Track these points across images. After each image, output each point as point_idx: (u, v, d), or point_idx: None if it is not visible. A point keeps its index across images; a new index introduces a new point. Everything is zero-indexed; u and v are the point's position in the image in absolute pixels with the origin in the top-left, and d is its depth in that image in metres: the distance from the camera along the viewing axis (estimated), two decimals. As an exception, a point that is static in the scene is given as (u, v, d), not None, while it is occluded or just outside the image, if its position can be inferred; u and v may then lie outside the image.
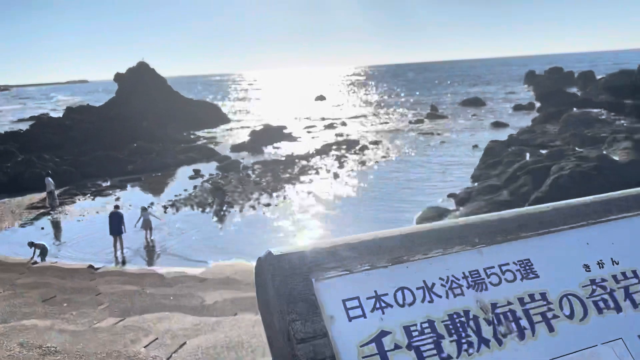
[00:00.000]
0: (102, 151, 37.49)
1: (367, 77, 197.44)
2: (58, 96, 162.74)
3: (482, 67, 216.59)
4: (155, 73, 55.75)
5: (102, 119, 48.09)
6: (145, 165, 33.37)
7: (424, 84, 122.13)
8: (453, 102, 69.05)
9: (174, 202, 23.96)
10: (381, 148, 36.08)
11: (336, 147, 36.93)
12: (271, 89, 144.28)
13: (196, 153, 37.28)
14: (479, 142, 34.89)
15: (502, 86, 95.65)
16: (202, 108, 59.00)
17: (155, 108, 51.05)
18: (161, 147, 39.02)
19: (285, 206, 22.61)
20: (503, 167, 23.23)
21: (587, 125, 27.44)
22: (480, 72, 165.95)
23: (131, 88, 53.12)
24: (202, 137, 47.77)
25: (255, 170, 30.52)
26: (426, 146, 35.72)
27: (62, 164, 31.74)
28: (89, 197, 26.21)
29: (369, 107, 71.52)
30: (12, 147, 39.20)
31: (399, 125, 48.17)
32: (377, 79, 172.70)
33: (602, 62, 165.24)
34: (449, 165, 28.94)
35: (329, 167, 30.41)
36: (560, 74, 78.43)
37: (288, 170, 29.77)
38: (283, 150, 37.91)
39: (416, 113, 57.91)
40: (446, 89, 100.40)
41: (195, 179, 29.48)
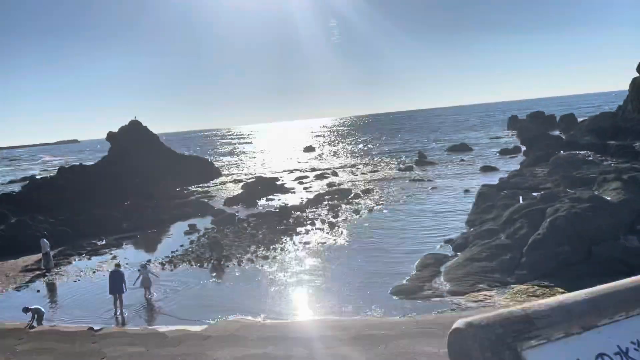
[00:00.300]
0: (97, 210, 37.45)
1: (350, 127, 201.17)
2: (45, 157, 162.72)
3: (463, 114, 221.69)
4: (147, 131, 56.44)
5: (95, 177, 48.15)
6: (140, 222, 33.29)
7: (407, 132, 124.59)
8: (440, 148, 70.37)
9: (171, 259, 23.81)
10: (374, 196, 36.44)
11: (329, 196, 37.22)
12: (260, 143, 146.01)
13: (191, 208, 37.30)
14: (470, 187, 35.45)
15: (486, 132, 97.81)
16: (194, 163, 59.42)
17: (148, 165, 51.31)
18: (155, 204, 39.02)
19: (283, 258, 22.57)
20: (498, 210, 23.57)
21: (575, 167, 28.11)
22: (461, 119, 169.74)
23: (124, 146, 53.58)
24: (195, 192, 47.91)
25: (251, 223, 30.52)
26: (418, 193, 36.14)
27: (57, 224, 31.54)
28: (84, 257, 25.96)
29: (356, 156, 72.55)
30: (4, 209, 38.96)
31: (389, 173, 48.82)
32: (361, 129, 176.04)
33: (580, 105, 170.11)
34: (443, 211, 29.24)
35: (323, 217, 30.57)
36: (543, 118, 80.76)
37: (283, 222, 29.85)
38: (277, 202, 38.09)
39: (404, 160, 58.85)
40: (431, 136, 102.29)
41: (191, 234, 29.42)
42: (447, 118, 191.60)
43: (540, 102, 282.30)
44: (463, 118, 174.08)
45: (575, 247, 16.91)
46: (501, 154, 54.42)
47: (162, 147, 58.02)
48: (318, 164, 66.15)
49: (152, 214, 35.69)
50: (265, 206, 36.97)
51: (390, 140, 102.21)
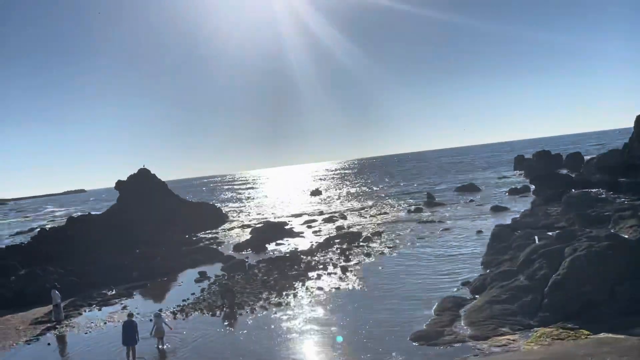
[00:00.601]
0: (106, 259, 37.24)
1: (354, 170, 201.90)
2: (51, 208, 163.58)
3: (467, 155, 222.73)
4: (156, 178, 56.83)
5: (104, 226, 48.15)
6: (150, 270, 32.97)
7: (413, 174, 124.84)
8: (448, 189, 70.30)
9: (182, 307, 23.39)
10: (385, 239, 36.10)
11: (339, 240, 36.92)
12: (265, 188, 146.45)
13: (200, 255, 36.99)
14: (482, 228, 35.15)
15: (492, 171, 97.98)
16: (202, 210, 59.49)
17: (157, 212, 51.40)
18: (165, 252, 38.78)
19: (296, 305, 22.11)
20: (513, 251, 23.23)
21: (589, 205, 27.85)
22: (467, 160, 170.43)
23: (133, 194, 53.83)
24: (204, 238, 47.65)
25: (262, 269, 30.18)
26: (430, 234, 35.79)
27: (67, 275, 31.27)
28: (95, 308, 25.57)
29: (363, 198, 72.40)
30: (13, 261, 38.80)
31: (399, 215, 48.57)
32: (365, 171, 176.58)
33: (584, 144, 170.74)
34: (456, 253, 28.84)
35: (335, 261, 30.21)
36: (549, 157, 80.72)
37: (294, 267, 29.49)
38: (286, 247, 37.81)
39: (413, 202, 58.70)
40: (437, 177, 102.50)
41: (202, 281, 29.05)
42: (451, 159, 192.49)
43: (544, 141, 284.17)
44: (468, 159, 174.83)
45: (598, 287, 16.50)
46: (510, 194, 54.16)
47: (170, 194, 58.24)
48: (325, 207, 66.04)
49: (161, 262, 35.40)
50: (275, 251, 36.66)
51: (396, 182, 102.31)
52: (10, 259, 38.95)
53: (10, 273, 35.83)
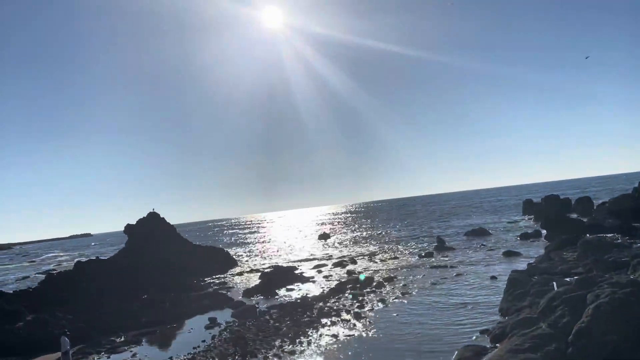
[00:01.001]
0: (114, 304, 36.82)
1: (361, 214, 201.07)
2: (55, 252, 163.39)
3: (473, 198, 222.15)
4: (165, 222, 56.79)
5: (112, 271, 47.88)
6: (158, 316, 32.46)
7: (420, 217, 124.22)
8: (457, 233, 69.74)
9: (193, 356, 22.86)
10: (398, 285, 35.54)
11: (351, 285, 36.40)
12: (272, 231, 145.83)
13: (209, 300, 36.46)
14: (496, 274, 34.63)
15: (500, 216, 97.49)
16: (210, 254, 59.11)
17: (166, 256, 51.13)
18: (173, 297, 38.30)
19: (311, 353, 21.58)
20: (532, 298, 22.75)
21: (605, 251, 27.46)
22: (474, 203, 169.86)
23: (142, 238, 53.70)
24: (212, 283, 47.12)
25: (273, 315, 29.64)
26: (443, 280, 35.23)
27: (75, 320, 30.82)
28: (104, 356, 25.05)
29: (373, 242, 71.83)
30: (21, 306, 38.42)
31: (410, 260, 48.00)
32: (372, 215, 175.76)
33: (592, 188, 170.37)
34: (472, 299, 28.29)
35: (348, 307, 29.66)
36: (558, 201, 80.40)
37: (307, 314, 28.95)
38: (297, 292, 37.25)
39: (423, 246, 58.19)
40: (444, 221, 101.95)
41: (212, 328, 28.52)
42: (458, 203, 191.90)
43: (550, 185, 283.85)
44: (475, 202, 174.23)
45: (624, 335, 16.03)
46: (522, 239, 53.61)
47: (178, 238, 58.07)
48: (334, 251, 65.52)
49: (170, 308, 34.91)
50: (285, 297, 36.11)
51: (403, 226, 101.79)
52: (17, 304, 38.56)
53: (17, 319, 35.42)
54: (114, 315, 32.96)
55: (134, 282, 45.51)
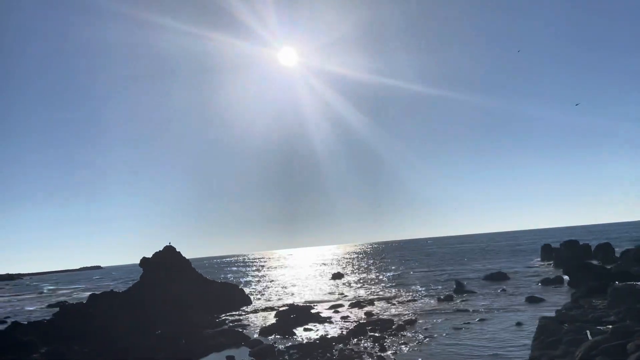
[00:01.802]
0: (129, 338, 36.25)
1: (375, 254, 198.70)
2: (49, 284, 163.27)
3: (487, 241, 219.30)
4: (181, 256, 56.51)
5: (126, 304, 47.35)
6: (174, 353, 31.75)
7: (436, 259, 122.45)
8: (475, 277, 68.33)
9: (214, 395, 22.20)
10: (419, 328, 34.57)
11: (370, 327, 35.48)
12: (286, 269, 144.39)
13: (225, 338, 35.68)
14: (520, 319, 33.64)
15: (517, 260, 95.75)
16: (224, 290, 58.40)
17: (181, 291, 50.58)
18: (188, 334, 37.60)
19: (335, 397, 20.82)
20: (565, 346, 21.92)
21: (637, 299, 26.59)
22: (491, 246, 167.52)
23: (157, 272, 53.33)
24: (227, 320, 46.30)
25: (292, 356, 28.91)
26: (466, 325, 34.21)
27: (91, 354, 30.25)
28: (120, 392, 24.42)
29: (388, 284, 70.58)
30: (35, 337, 38.01)
31: (430, 303, 46.91)
32: (386, 255, 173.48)
33: (610, 234, 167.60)
34: (499, 346, 27.36)
35: (369, 350, 28.83)
36: (577, 247, 78.87)
37: (327, 355, 28.17)
38: (315, 333, 36.36)
39: (441, 289, 57.02)
40: (461, 263, 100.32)
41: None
42: (474, 245, 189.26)
43: (562, 230, 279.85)
44: (490, 245, 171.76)
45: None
46: (543, 284, 52.31)
47: (193, 272, 57.61)
48: (350, 291, 64.45)
49: (186, 345, 34.23)
50: (303, 337, 35.25)
51: (419, 267, 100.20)
52: (31, 336, 38.15)
53: (32, 350, 34.98)
54: (129, 350, 32.36)
55: (148, 317, 44.89)
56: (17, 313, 71.54)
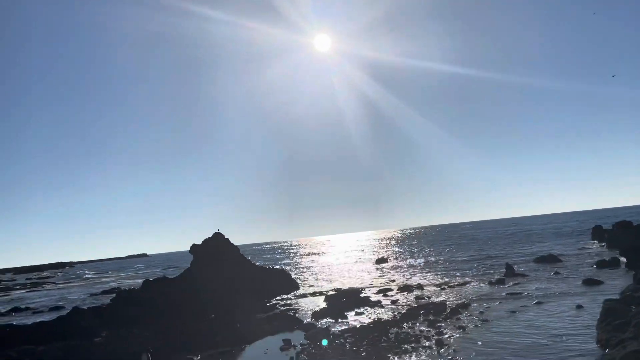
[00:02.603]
0: (183, 323, 37.15)
1: (415, 239, 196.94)
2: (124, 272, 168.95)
3: (531, 224, 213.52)
4: (229, 243, 57.39)
5: (179, 290, 48.52)
6: (230, 336, 32.39)
7: (478, 243, 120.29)
8: (524, 260, 66.78)
9: (276, 377, 22.50)
10: (474, 311, 34.03)
11: (423, 311, 35.18)
12: (329, 255, 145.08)
13: (278, 322, 36.15)
14: (579, 302, 32.66)
15: (566, 242, 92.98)
16: (272, 275, 59.13)
17: (230, 277, 51.47)
18: (243, 318, 38.24)
19: (398, 379, 20.73)
20: (635, 329, 21.11)
21: None
22: (535, 229, 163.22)
23: (207, 258, 54.35)
24: (278, 305, 46.89)
25: (348, 339, 28.97)
26: (522, 308, 33.44)
27: (151, 338, 31.14)
28: (184, 374, 25.09)
29: (433, 267, 69.90)
30: (94, 322, 39.48)
31: (481, 287, 46.13)
32: (426, 240, 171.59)
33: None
34: (560, 328, 26.60)
35: (425, 333, 28.59)
36: (632, 228, 75.80)
37: (383, 338, 28.09)
38: (367, 316, 36.38)
39: (490, 273, 56.02)
40: (506, 247, 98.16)
41: (288, 349, 28.15)
42: (514, 229, 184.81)
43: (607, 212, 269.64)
44: (534, 228, 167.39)
45: None
46: (599, 267, 50.56)
47: (242, 259, 58.47)
48: (396, 275, 64.21)
49: (241, 328, 34.81)
50: (356, 320, 35.33)
51: (462, 251, 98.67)
52: (92, 321, 39.63)
53: (93, 335, 36.34)
54: (186, 334, 33.14)
55: (200, 302, 45.87)
56: (73, 299, 74.58)
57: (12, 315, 61.67)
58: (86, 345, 29.08)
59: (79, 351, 27.89)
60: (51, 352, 27.34)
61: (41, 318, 52.20)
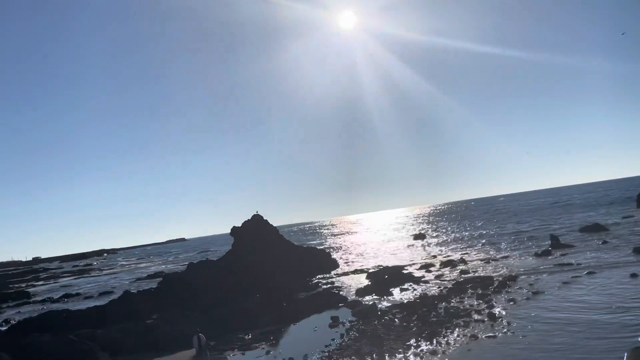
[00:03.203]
0: (230, 303, 37.76)
1: (445, 214, 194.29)
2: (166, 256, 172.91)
3: (558, 195, 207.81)
4: (268, 224, 57.86)
5: (222, 271, 49.31)
6: (278, 315, 32.71)
7: (515, 216, 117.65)
8: (567, 230, 65.13)
9: (329, 354, 22.60)
10: (523, 284, 33.35)
11: (470, 285, 34.75)
12: (362, 233, 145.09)
13: (323, 300, 36.27)
14: (634, 271, 31.60)
15: (608, 211, 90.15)
16: (311, 255, 59.45)
17: (271, 257, 51.95)
18: (287, 297, 38.60)
19: (454, 353, 20.47)
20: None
21: None
22: (567, 199, 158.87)
23: (247, 240, 55.01)
24: (320, 283, 47.17)
25: (396, 315, 28.90)
26: (575, 279, 32.59)
27: (201, 318, 31.74)
28: (237, 353, 25.50)
29: (473, 241, 68.91)
30: (145, 305, 40.56)
31: (527, 259, 45.20)
32: (458, 215, 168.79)
33: None
34: (620, 299, 25.77)
35: (476, 307, 28.20)
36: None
37: (433, 313, 27.89)
38: (412, 292, 36.18)
39: (533, 245, 54.89)
40: (545, 218, 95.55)
41: (336, 326, 28.24)
42: (551, 200, 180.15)
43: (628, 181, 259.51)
44: (576, 198, 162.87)
45: None
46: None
47: (281, 239, 58.92)
48: (436, 251, 63.70)
49: (287, 307, 35.12)
50: (401, 297, 35.18)
51: (502, 224, 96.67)
52: (142, 304, 40.74)
53: (145, 317, 37.36)
54: (234, 314, 33.61)
55: (244, 282, 46.51)
56: (120, 284, 76.91)
57: (65, 301, 64.02)
58: (141, 327, 29.85)
59: (135, 333, 28.65)
60: (109, 334, 28.19)
61: (93, 303, 54.08)
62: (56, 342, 26.33)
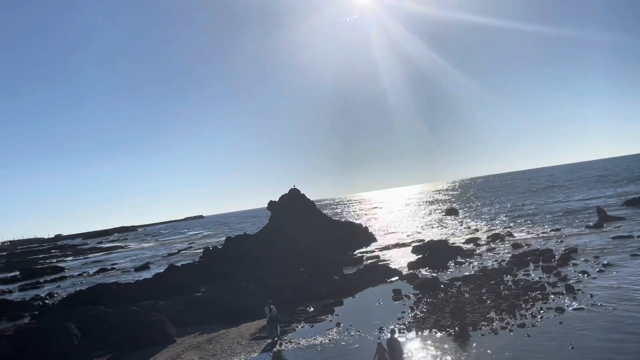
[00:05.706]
0: (279, 277, 37.25)
1: (470, 189, 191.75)
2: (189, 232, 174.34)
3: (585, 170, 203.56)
4: (305, 198, 57.04)
5: (262, 245, 48.81)
6: (335, 289, 31.97)
7: (547, 190, 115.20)
8: (611, 203, 63.27)
9: (407, 326, 21.78)
10: (589, 257, 31.96)
11: (531, 258, 33.61)
12: (389, 208, 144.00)
13: (377, 273, 35.38)
14: None
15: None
16: (349, 229, 58.71)
17: (311, 231, 51.27)
18: (335, 270, 37.86)
19: (549, 327, 19.34)
20: None
21: None
22: (602, 173, 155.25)
23: (284, 214, 54.34)
24: (364, 257, 46.38)
25: (461, 287, 27.98)
26: (636, 249, 31.37)
27: (261, 291, 31.13)
28: (305, 324, 24.86)
29: (511, 216, 67.37)
30: (192, 278, 40.24)
31: (579, 232, 43.77)
32: (487, 189, 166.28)
33: None
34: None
35: (546, 279, 27.10)
36: None
37: (501, 286, 26.87)
38: (470, 265, 35.20)
39: (582, 218, 53.31)
40: (583, 192, 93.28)
41: (401, 299, 27.45)
42: (582, 174, 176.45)
43: None
44: (608, 172, 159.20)
45: None
46: None
47: (319, 213, 58.18)
48: (477, 224, 62.51)
49: (340, 281, 34.38)
50: (458, 270, 34.21)
51: (536, 199, 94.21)
52: (191, 277, 40.42)
53: (194, 290, 36.99)
54: (288, 288, 32.95)
55: (285, 256, 45.94)
56: (154, 259, 77.22)
57: (102, 275, 64.35)
58: (203, 298, 29.40)
59: (198, 304, 28.21)
60: (172, 305, 27.76)
61: (131, 277, 54.16)
62: (119, 313, 25.93)
